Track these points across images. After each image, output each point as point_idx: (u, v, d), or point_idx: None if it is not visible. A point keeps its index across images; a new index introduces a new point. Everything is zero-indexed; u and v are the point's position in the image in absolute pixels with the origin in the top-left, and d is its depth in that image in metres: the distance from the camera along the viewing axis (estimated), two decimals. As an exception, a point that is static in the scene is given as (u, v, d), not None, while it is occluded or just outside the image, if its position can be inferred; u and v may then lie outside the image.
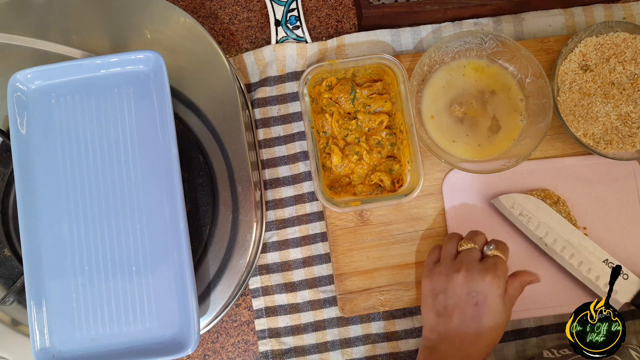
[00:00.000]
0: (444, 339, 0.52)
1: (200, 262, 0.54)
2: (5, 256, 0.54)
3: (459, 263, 0.53)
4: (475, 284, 0.51)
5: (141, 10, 0.56)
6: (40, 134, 0.51)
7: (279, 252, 0.63)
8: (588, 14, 0.66)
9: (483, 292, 0.51)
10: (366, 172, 0.61)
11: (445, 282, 0.53)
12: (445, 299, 0.52)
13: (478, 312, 0.51)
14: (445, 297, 0.52)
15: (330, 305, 0.62)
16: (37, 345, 0.47)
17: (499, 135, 0.62)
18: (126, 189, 0.50)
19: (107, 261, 0.49)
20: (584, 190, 0.62)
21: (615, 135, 0.60)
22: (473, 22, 0.66)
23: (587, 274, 0.58)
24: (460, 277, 0.52)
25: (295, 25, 0.66)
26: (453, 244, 0.56)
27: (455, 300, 0.52)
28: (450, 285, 0.52)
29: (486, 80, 0.63)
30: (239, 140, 0.55)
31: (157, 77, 0.51)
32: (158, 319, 0.48)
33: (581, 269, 0.58)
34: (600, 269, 0.57)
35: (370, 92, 0.62)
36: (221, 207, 0.55)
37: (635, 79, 0.61)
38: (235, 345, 0.63)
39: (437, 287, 0.53)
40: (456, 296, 0.52)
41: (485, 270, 0.51)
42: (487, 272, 0.51)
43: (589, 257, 0.58)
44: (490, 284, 0.51)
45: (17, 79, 0.50)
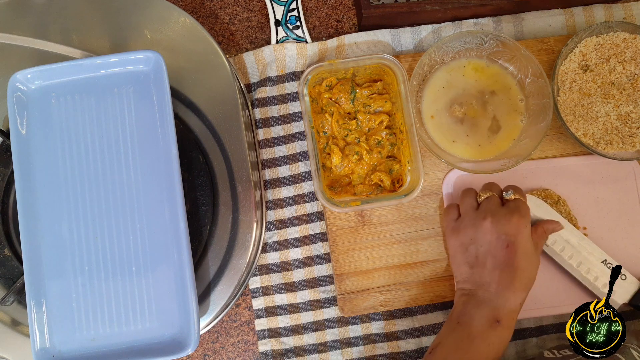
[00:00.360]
0: (480, 287, 0.52)
1: (200, 262, 0.54)
2: (5, 256, 0.54)
3: (483, 211, 0.54)
4: (503, 227, 0.52)
5: (141, 10, 0.56)
6: (40, 134, 0.51)
7: (279, 252, 0.63)
8: (588, 14, 0.66)
9: (512, 234, 0.51)
10: (366, 172, 0.61)
11: (473, 232, 0.53)
12: (475, 248, 0.53)
13: (510, 254, 0.51)
14: (475, 247, 0.53)
15: (330, 305, 0.62)
16: (37, 345, 0.47)
17: (499, 136, 0.62)
18: (126, 189, 0.50)
19: (107, 261, 0.49)
20: (584, 190, 0.62)
21: (615, 135, 0.60)
22: (473, 22, 0.66)
23: (586, 274, 0.58)
24: (487, 223, 0.52)
25: (295, 25, 0.66)
26: (471, 197, 0.56)
27: (486, 248, 0.52)
28: (478, 234, 0.53)
29: (486, 81, 0.63)
30: (239, 140, 0.55)
31: (157, 77, 0.51)
32: (158, 319, 0.48)
33: (580, 269, 0.58)
34: (599, 269, 0.57)
35: (370, 92, 0.62)
36: (221, 207, 0.55)
37: (635, 79, 0.61)
38: (235, 345, 0.63)
39: (466, 240, 0.54)
40: (486, 243, 0.52)
41: (511, 212, 0.52)
42: (513, 214, 0.52)
43: (588, 258, 0.58)
44: (518, 224, 0.52)
45: (17, 79, 0.50)
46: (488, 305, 0.51)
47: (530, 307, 0.59)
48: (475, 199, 0.56)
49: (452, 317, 0.53)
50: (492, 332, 0.50)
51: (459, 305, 0.53)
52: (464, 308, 0.52)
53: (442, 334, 0.53)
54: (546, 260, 0.60)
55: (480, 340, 0.50)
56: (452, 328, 0.52)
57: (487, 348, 0.50)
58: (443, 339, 0.52)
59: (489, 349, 0.50)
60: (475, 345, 0.50)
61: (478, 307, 0.51)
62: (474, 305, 0.52)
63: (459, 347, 0.50)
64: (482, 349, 0.50)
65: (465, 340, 0.50)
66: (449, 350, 0.51)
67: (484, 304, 0.51)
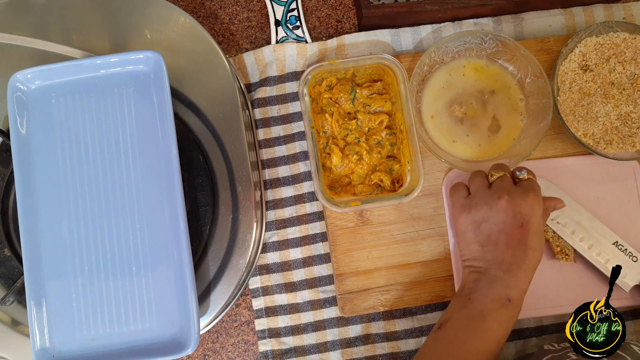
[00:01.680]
0: (492, 265, 0.52)
1: (200, 262, 0.54)
2: (5, 256, 0.54)
3: (498, 190, 0.53)
4: (519, 206, 0.51)
5: (141, 10, 0.56)
6: (40, 134, 0.51)
7: (279, 252, 0.63)
8: (588, 14, 0.66)
9: (527, 213, 0.51)
10: (366, 172, 0.61)
11: (488, 210, 0.52)
12: (488, 226, 0.52)
13: (523, 234, 0.51)
14: (488, 225, 0.52)
15: (330, 305, 0.62)
16: (37, 345, 0.47)
17: (499, 135, 0.62)
18: (126, 189, 0.50)
19: (107, 261, 0.49)
20: (584, 190, 0.62)
21: (615, 135, 0.60)
22: (473, 22, 0.66)
23: (598, 256, 0.58)
24: (503, 202, 0.52)
25: (295, 25, 0.66)
26: (482, 177, 0.56)
27: (500, 226, 0.52)
28: (493, 213, 0.52)
29: (486, 80, 0.63)
30: (239, 140, 0.55)
31: (157, 77, 0.51)
32: (158, 319, 0.48)
33: (592, 251, 0.58)
34: (610, 251, 0.58)
35: (370, 92, 0.62)
36: (221, 207, 0.55)
37: (635, 79, 0.61)
38: (235, 345, 0.63)
39: (478, 217, 0.53)
40: (501, 222, 0.52)
41: (526, 192, 0.52)
42: (528, 193, 0.52)
43: (600, 240, 0.58)
44: (533, 203, 0.52)
45: (17, 79, 0.50)
46: (501, 283, 0.51)
47: (530, 307, 0.59)
48: (487, 179, 0.55)
49: (463, 293, 0.52)
50: (504, 310, 0.50)
51: (470, 282, 0.52)
52: (475, 285, 0.52)
53: (451, 309, 0.52)
54: (546, 261, 0.60)
55: (492, 318, 0.50)
56: (463, 304, 0.51)
57: (498, 326, 0.50)
58: (453, 314, 0.51)
59: (500, 327, 0.50)
60: (487, 323, 0.49)
61: (490, 285, 0.51)
62: (486, 283, 0.51)
63: (471, 324, 0.50)
64: (494, 327, 0.49)
65: (477, 317, 0.50)
66: (459, 326, 0.50)
67: (496, 282, 0.51)
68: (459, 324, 0.50)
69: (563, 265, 0.60)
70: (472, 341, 0.49)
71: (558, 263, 0.60)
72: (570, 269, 0.60)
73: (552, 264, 0.60)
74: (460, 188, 0.57)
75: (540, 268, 0.60)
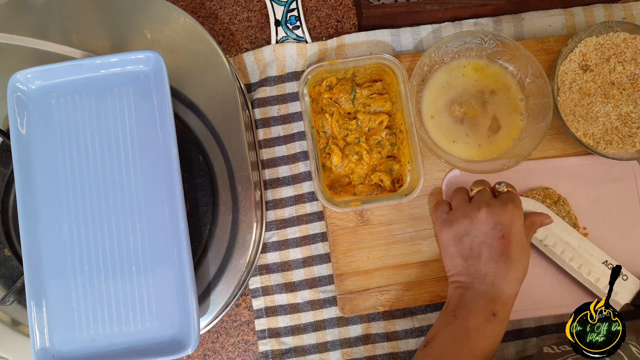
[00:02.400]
0: (475, 279, 0.52)
1: (200, 262, 0.54)
2: (5, 256, 0.54)
3: (477, 203, 0.53)
4: (499, 217, 0.52)
5: (141, 10, 0.56)
6: (40, 134, 0.51)
7: (279, 252, 0.63)
8: (588, 14, 0.66)
9: (507, 224, 0.51)
10: (366, 172, 0.61)
11: (468, 223, 0.53)
12: (470, 239, 0.53)
13: (505, 244, 0.51)
14: (469, 238, 0.53)
15: (330, 305, 0.62)
16: (37, 345, 0.47)
17: (499, 135, 0.62)
18: (126, 189, 0.50)
19: (107, 261, 0.49)
20: (584, 190, 0.62)
21: (615, 135, 0.60)
22: (473, 22, 0.66)
23: (588, 275, 0.58)
24: (482, 214, 0.52)
25: (295, 25, 0.66)
26: (463, 193, 0.56)
27: (481, 239, 0.52)
28: (473, 225, 0.52)
29: (486, 80, 0.63)
30: (239, 140, 0.55)
31: (157, 77, 0.51)
32: (158, 319, 0.48)
33: (581, 270, 0.58)
34: (600, 270, 0.57)
35: (370, 92, 0.62)
36: (221, 207, 0.55)
37: (635, 79, 0.61)
38: (235, 345, 0.63)
39: (459, 231, 0.53)
40: (482, 234, 0.52)
41: (505, 202, 0.52)
42: (507, 204, 0.52)
43: (589, 259, 0.58)
44: (513, 213, 0.52)
45: (17, 79, 0.50)
46: (484, 297, 0.51)
47: (530, 307, 0.59)
48: (467, 194, 0.56)
49: (448, 309, 0.53)
50: (489, 325, 0.50)
51: (455, 298, 0.53)
52: (460, 301, 0.52)
53: (437, 326, 0.52)
54: (546, 261, 0.60)
55: (477, 334, 0.50)
56: (448, 321, 0.51)
57: (484, 342, 0.50)
58: (439, 332, 0.51)
59: (486, 343, 0.50)
60: (473, 340, 0.49)
61: (474, 300, 0.51)
62: (470, 298, 0.51)
63: (456, 342, 0.50)
64: (479, 343, 0.49)
65: (462, 334, 0.50)
66: (445, 344, 0.50)
67: (480, 296, 0.51)
68: (444, 342, 0.50)
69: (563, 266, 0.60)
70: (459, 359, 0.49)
71: (557, 264, 0.60)
72: (570, 269, 0.60)
73: (552, 264, 0.60)
74: (442, 205, 0.57)
75: (540, 268, 0.60)
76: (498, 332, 0.50)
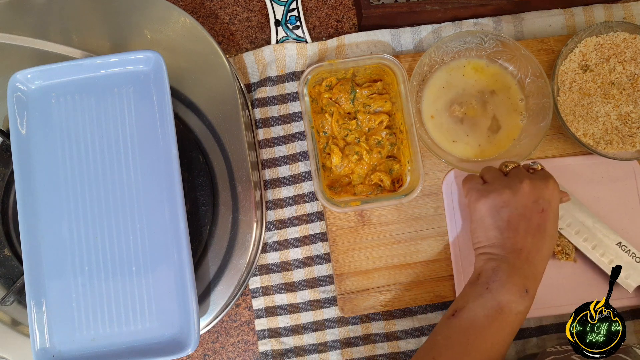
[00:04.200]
0: (511, 252, 0.51)
1: (200, 262, 0.54)
2: (5, 256, 0.54)
3: (519, 176, 0.53)
4: (541, 191, 0.51)
5: (141, 10, 0.56)
6: (40, 134, 0.51)
7: (279, 252, 0.63)
8: (588, 14, 0.66)
9: (548, 199, 0.51)
10: (366, 172, 0.61)
11: (510, 194, 0.52)
12: (509, 211, 0.51)
13: (543, 219, 0.51)
14: (509, 210, 0.51)
15: (330, 305, 0.62)
16: (37, 345, 0.47)
17: (499, 135, 0.62)
18: (126, 189, 0.50)
19: (107, 261, 0.49)
20: (584, 190, 0.62)
21: (615, 135, 0.60)
22: (473, 22, 0.66)
23: (601, 257, 0.58)
24: (525, 186, 0.51)
25: (295, 25, 0.66)
26: (496, 169, 0.55)
27: (521, 211, 0.51)
28: (515, 197, 0.51)
29: (486, 80, 0.63)
30: (239, 140, 0.55)
31: (157, 77, 0.51)
32: (158, 319, 0.48)
33: (596, 251, 0.58)
34: (613, 252, 0.58)
35: (370, 92, 0.62)
36: (221, 207, 0.55)
37: (635, 79, 0.61)
38: (235, 345, 0.63)
39: (498, 202, 0.52)
40: (522, 206, 0.51)
41: (546, 177, 0.53)
42: (549, 179, 0.52)
43: (603, 240, 0.58)
44: (553, 189, 0.52)
45: (17, 79, 0.50)
46: (519, 273, 0.50)
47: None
48: (500, 170, 0.55)
49: (479, 281, 0.51)
50: (521, 301, 0.49)
51: (488, 271, 0.51)
52: (494, 274, 0.50)
53: (467, 297, 0.51)
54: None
55: (510, 309, 0.49)
56: (480, 293, 0.50)
57: (514, 317, 0.49)
58: (469, 302, 0.50)
59: (515, 319, 0.49)
60: (505, 314, 0.49)
61: (509, 275, 0.49)
62: (505, 272, 0.50)
63: (488, 315, 0.49)
64: (511, 318, 0.49)
65: (495, 307, 0.49)
66: (476, 315, 0.49)
67: (515, 271, 0.50)
68: (475, 314, 0.49)
69: (563, 265, 0.60)
70: (488, 332, 0.48)
71: (558, 263, 0.60)
72: (570, 269, 0.60)
73: (553, 263, 0.60)
74: (474, 177, 0.56)
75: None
76: (527, 308, 0.50)
